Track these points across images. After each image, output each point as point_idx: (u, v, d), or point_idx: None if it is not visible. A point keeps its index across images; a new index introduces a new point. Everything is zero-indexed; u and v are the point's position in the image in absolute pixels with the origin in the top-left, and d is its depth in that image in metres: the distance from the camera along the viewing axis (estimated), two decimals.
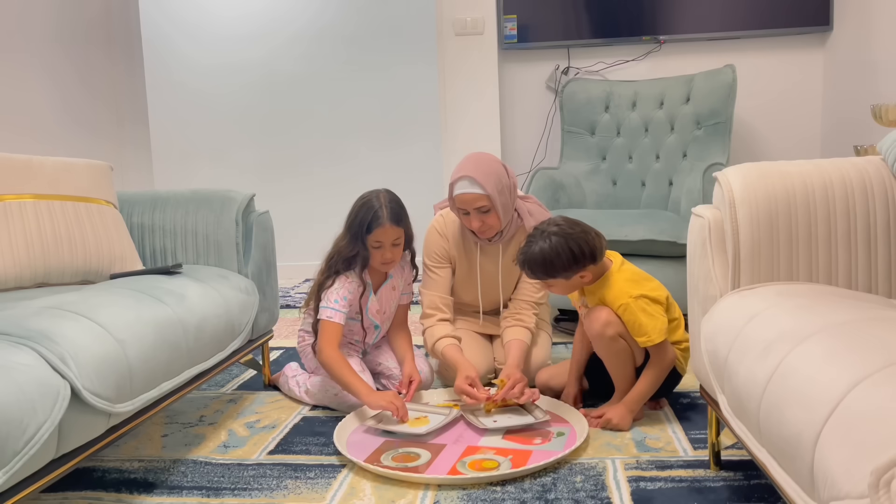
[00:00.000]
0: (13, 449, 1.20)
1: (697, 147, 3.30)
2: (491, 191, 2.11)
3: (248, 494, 1.68)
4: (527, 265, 1.96)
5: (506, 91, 3.89)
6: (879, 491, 0.78)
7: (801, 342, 1.12)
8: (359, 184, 4.44)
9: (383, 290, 2.28)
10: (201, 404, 2.31)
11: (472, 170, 2.13)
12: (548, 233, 1.93)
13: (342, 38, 4.39)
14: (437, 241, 2.32)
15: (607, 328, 1.96)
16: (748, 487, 1.62)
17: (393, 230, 2.14)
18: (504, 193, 2.16)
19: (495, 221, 2.17)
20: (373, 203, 2.16)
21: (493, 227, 2.19)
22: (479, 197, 2.12)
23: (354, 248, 2.17)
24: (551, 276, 1.96)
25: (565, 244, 1.91)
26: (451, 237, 2.32)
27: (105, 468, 1.85)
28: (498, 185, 2.14)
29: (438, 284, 2.32)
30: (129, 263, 2.15)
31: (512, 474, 1.70)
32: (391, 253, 2.16)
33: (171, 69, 4.49)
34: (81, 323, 1.49)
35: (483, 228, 2.18)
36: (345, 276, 2.18)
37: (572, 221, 1.98)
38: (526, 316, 2.30)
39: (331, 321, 2.12)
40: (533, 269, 1.95)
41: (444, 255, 2.33)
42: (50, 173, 2.05)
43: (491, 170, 2.14)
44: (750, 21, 3.64)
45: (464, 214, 2.19)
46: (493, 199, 2.12)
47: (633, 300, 1.93)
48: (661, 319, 1.95)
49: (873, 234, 1.53)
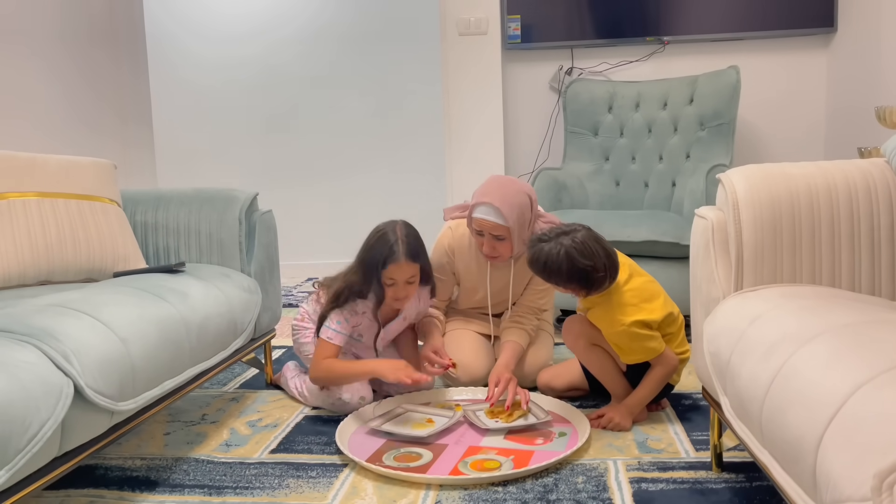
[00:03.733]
0: (16, 446, 1.21)
1: (701, 148, 3.29)
2: (512, 224, 2.09)
3: (250, 493, 1.68)
4: (531, 255, 1.94)
5: (509, 91, 3.89)
6: (882, 494, 0.78)
7: (804, 344, 1.12)
8: (361, 183, 4.47)
9: (392, 325, 2.26)
10: (203, 403, 2.31)
11: (497, 198, 2.08)
12: (562, 243, 1.88)
13: (346, 37, 4.39)
14: (442, 255, 2.31)
15: (579, 340, 2.01)
16: (750, 489, 1.61)
17: (409, 267, 2.03)
18: (524, 227, 2.14)
19: (507, 251, 2.16)
20: (388, 237, 2.04)
21: (502, 256, 2.17)
22: (499, 227, 2.09)
23: (367, 284, 2.07)
24: (542, 278, 1.96)
25: (568, 263, 1.87)
26: (457, 252, 2.31)
27: (107, 466, 1.85)
28: (520, 219, 2.11)
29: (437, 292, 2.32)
30: (133, 262, 2.15)
31: (514, 475, 1.70)
32: (404, 290, 2.07)
33: (176, 68, 4.49)
34: (85, 321, 1.49)
35: (493, 254, 2.16)
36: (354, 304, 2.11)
37: (590, 248, 1.88)
38: (527, 320, 2.30)
39: (330, 342, 2.08)
40: (533, 262, 1.94)
41: (447, 267, 2.33)
42: (54, 171, 2.06)
43: (516, 202, 2.10)
44: (754, 22, 3.63)
45: (478, 234, 2.16)
46: (512, 231, 2.10)
47: (626, 328, 1.91)
48: (653, 339, 1.93)
49: (877, 236, 1.53)
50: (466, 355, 2.30)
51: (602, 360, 2.02)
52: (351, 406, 2.13)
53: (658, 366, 1.97)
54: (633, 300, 1.93)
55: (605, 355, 2.01)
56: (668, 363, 1.97)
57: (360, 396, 2.14)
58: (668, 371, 1.97)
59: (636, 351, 1.93)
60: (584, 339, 1.99)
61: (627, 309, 1.92)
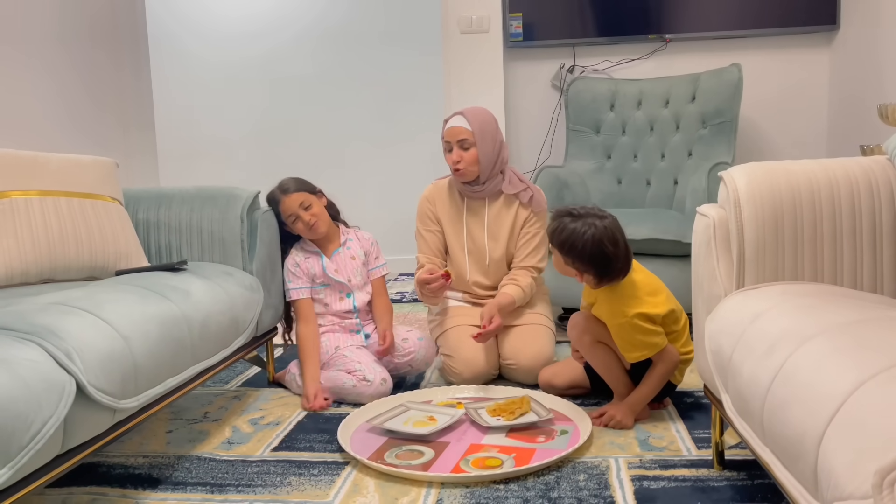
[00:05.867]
0: (19, 444, 1.21)
1: (703, 146, 3.29)
2: (476, 129, 2.33)
3: (252, 491, 1.68)
4: (554, 225, 1.94)
5: (511, 89, 3.89)
6: (883, 491, 0.78)
7: (806, 342, 1.12)
8: (363, 181, 4.47)
9: (338, 257, 2.40)
10: (206, 401, 2.31)
11: (466, 110, 2.39)
12: (594, 224, 1.89)
13: (347, 35, 4.39)
14: (424, 205, 2.52)
15: (584, 336, 2.00)
16: (751, 487, 1.61)
17: (295, 197, 2.31)
18: (487, 140, 2.34)
19: (472, 161, 2.34)
20: (271, 193, 2.37)
21: (469, 168, 2.35)
22: (464, 131, 2.34)
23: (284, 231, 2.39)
24: (559, 250, 1.95)
25: (593, 247, 1.87)
26: (437, 199, 2.50)
27: (110, 464, 1.86)
28: (483, 129, 2.34)
29: (429, 246, 2.49)
30: (135, 260, 2.15)
31: (515, 472, 1.70)
32: (308, 216, 2.31)
33: (177, 68, 4.50)
34: (87, 319, 1.49)
35: (460, 165, 2.34)
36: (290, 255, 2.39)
37: (616, 237, 1.90)
38: (521, 277, 2.41)
39: (296, 300, 2.35)
40: (555, 233, 1.93)
41: (431, 216, 2.50)
42: (56, 170, 2.06)
43: (483, 117, 2.37)
44: (756, 20, 3.62)
45: (448, 152, 2.38)
46: (476, 136, 2.33)
47: (629, 320, 1.91)
48: (656, 334, 1.94)
49: (879, 233, 1.53)
50: (469, 352, 2.31)
51: (606, 357, 2.02)
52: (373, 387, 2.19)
53: (660, 363, 1.97)
54: (637, 293, 1.94)
55: (610, 352, 2.01)
56: (669, 360, 1.97)
57: (382, 378, 2.22)
58: (669, 368, 1.97)
59: (639, 345, 1.93)
60: (590, 335, 1.99)
61: (631, 301, 1.92)
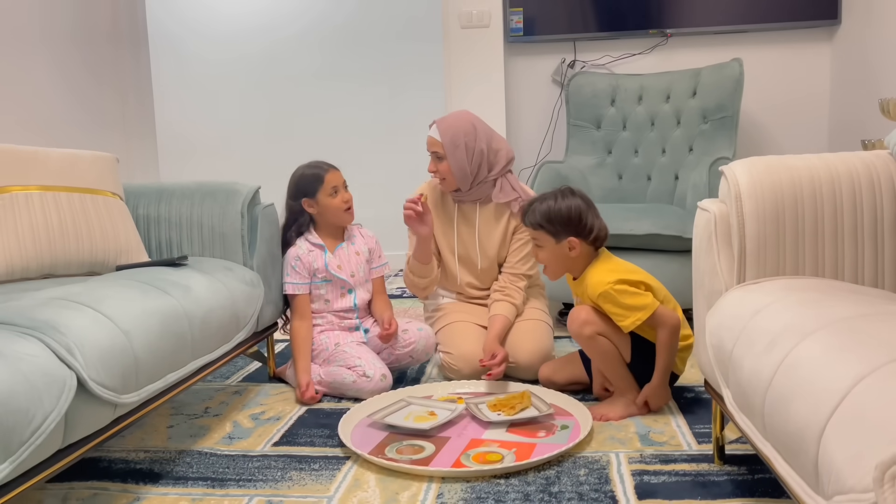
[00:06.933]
0: (20, 438, 1.21)
1: (704, 141, 3.29)
2: (446, 141, 2.31)
3: (253, 485, 1.68)
4: (529, 208, 2.05)
5: (511, 84, 3.88)
6: (884, 485, 0.78)
7: (807, 337, 1.12)
8: (364, 177, 4.46)
9: (342, 252, 2.39)
10: (206, 396, 2.31)
11: (441, 119, 2.37)
12: (566, 194, 2.05)
13: (348, 31, 4.38)
14: None
15: (584, 328, 2.00)
16: (752, 482, 1.62)
17: (339, 172, 2.37)
18: (460, 149, 2.31)
19: (445, 171, 2.34)
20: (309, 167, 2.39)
21: (445, 179, 2.36)
22: (434, 142, 2.34)
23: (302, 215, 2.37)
24: (545, 225, 2.02)
25: (576, 207, 2.02)
26: (430, 201, 2.48)
27: (111, 458, 1.86)
28: (455, 141, 2.31)
29: None
30: (135, 255, 2.15)
31: (516, 467, 1.70)
32: (348, 194, 2.36)
33: (177, 64, 4.49)
34: (87, 314, 1.49)
35: (437, 175, 2.37)
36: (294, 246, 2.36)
37: (585, 197, 2.09)
38: (513, 290, 2.39)
39: (294, 295, 2.34)
40: (533, 212, 2.04)
41: None
42: (56, 165, 2.06)
43: (457, 126, 2.33)
44: (757, 14, 3.62)
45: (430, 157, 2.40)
46: (446, 148, 2.31)
47: (611, 285, 1.95)
48: (643, 296, 1.96)
49: (880, 228, 1.53)
50: (467, 346, 2.31)
51: (606, 350, 2.01)
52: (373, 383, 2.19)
53: (660, 328, 1.96)
54: (616, 268, 2.04)
55: (610, 345, 2.00)
56: (668, 322, 1.96)
57: (382, 374, 2.21)
58: (671, 330, 1.96)
59: (630, 308, 1.94)
60: (590, 327, 1.98)
61: (611, 274, 1.99)
